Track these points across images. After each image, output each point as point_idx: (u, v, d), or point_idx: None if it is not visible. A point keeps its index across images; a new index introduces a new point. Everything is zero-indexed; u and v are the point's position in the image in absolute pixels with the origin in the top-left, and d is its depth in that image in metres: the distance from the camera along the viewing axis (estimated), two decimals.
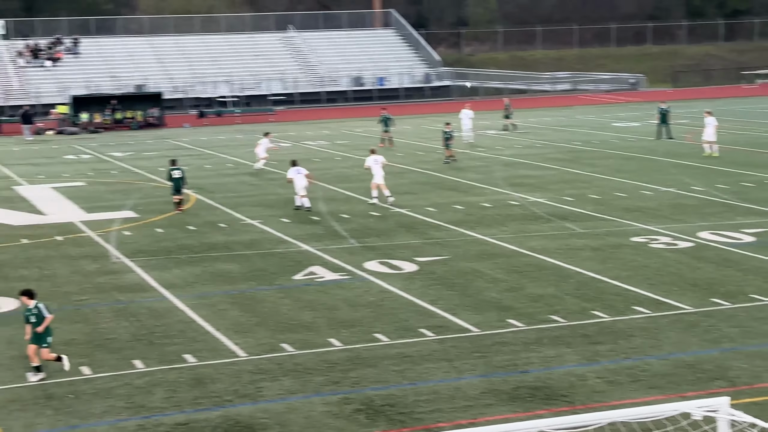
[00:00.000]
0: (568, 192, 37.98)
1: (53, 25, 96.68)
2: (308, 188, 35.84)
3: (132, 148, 58.07)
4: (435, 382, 18.06)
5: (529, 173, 43.35)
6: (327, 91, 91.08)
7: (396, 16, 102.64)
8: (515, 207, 35.28)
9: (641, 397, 16.94)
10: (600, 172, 43.06)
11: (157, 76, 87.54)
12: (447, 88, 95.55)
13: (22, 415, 17.01)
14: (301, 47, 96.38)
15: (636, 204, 35.10)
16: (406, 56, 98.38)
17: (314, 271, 26.56)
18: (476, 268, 26.52)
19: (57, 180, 45.32)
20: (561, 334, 20.63)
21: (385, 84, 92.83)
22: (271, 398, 17.50)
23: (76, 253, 29.68)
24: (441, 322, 21.78)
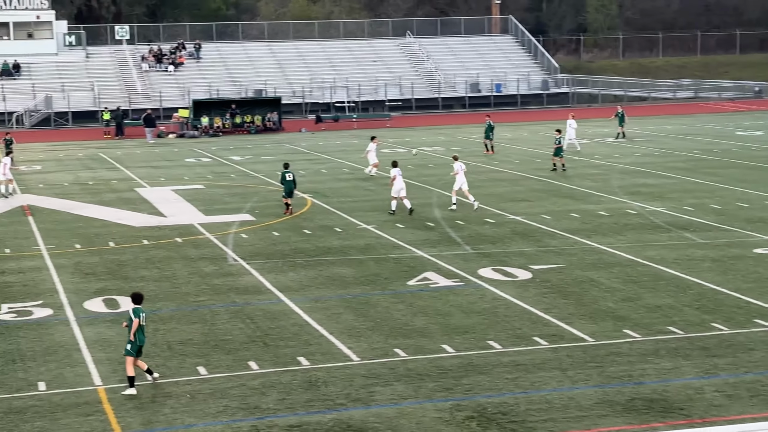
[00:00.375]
0: (688, 201, 37.29)
1: (176, 30, 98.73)
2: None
3: (250, 152, 58.87)
4: (548, 392, 17.88)
5: (647, 182, 42.69)
6: (443, 97, 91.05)
7: (514, 22, 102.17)
8: (633, 216, 34.77)
9: (762, 413, 16.51)
10: (722, 181, 42.19)
11: (276, 81, 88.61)
12: (565, 95, 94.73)
13: (139, 413, 17.35)
14: (419, 53, 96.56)
15: (759, 215, 34.29)
16: (523, 63, 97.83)
17: (428, 277, 26.56)
18: (592, 277, 26.21)
19: (177, 182, 46.19)
20: (678, 346, 20.25)
21: (503, 90, 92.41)
22: (383, 403, 17.54)
23: (195, 254, 30.19)
24: (555, 330, 21.57)
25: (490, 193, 40.64)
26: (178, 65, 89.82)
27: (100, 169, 51.69)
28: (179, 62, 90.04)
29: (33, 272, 28.26)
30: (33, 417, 17.29)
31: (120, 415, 17.26)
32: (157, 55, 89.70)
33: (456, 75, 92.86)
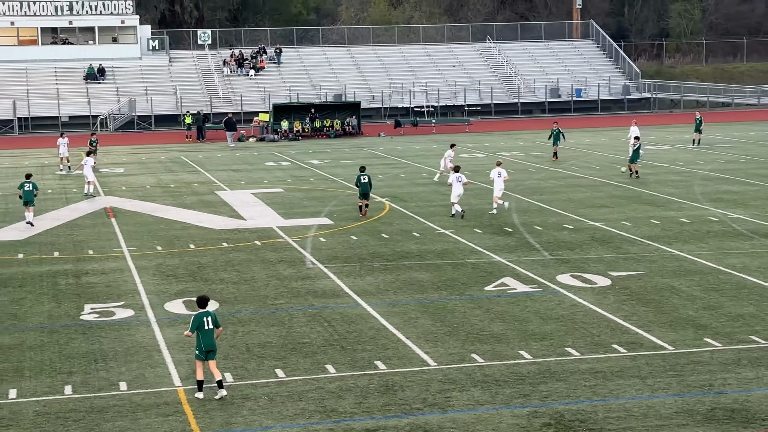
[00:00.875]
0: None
1: (257, 35, 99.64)
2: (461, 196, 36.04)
3: (329, 156, 59.18)
4: (626, 399, 17.72)
5: (730, 188, 42.10)
6: (523, 102, 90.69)
7: (596, 27, 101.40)
8: (715, 223, 34.32)
9: None
10: None
11: (356, 86, 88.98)
12: (647, 100, 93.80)
13: (218, 414, 17.53)
14: (498, 58, 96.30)
15: None
16: (604, 68, 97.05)
17: (506, 283, 26.47)
18: (672, 284, 25.91)
19: (257, 186, 46.59)
20: (761, 356, 19.94)
21: (583, 96, 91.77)
22: (460, 408, 17.52)
23: (274, 257, 30.42)
24: (634, 338, 21.36)
25: (569, 198, 40.38)
26: (259, 69, 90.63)
27: (182, 172, 52.34)
28: (260, 67, 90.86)
29: (115, 273, 28.70)
30: (114, 416, 17.57)
31: (199, 416, 17.46)
32: (239, 60, 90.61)
33: (536, 80, 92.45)
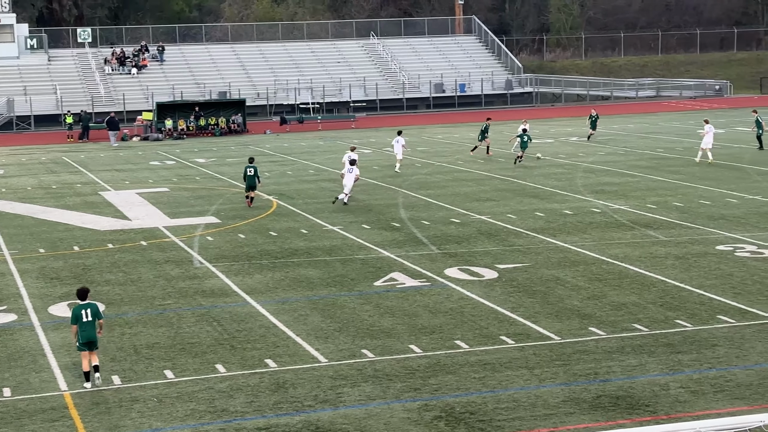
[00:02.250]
0: (651, 199, 37.58)
1: (139, 33, 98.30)
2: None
3: (215, 155, 58.73)
4: (515, 390, 17.98)
5: (611, 180, 42.98)
6: (408, 98, 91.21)
7: (478, 22, 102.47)
8: (597, 214, 35.00)
9: (725, 408, 16.69)
10: (684, 179, 42.54)
11: (240, 83, 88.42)
12: (529, 94, 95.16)
13: (106, 418, 17.28)
14: (383, 54, 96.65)
15: (721, 212, 34.60)
16: (487, 63, 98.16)
17: (395, 278, 26.61)
18: (557, 275, 26.36)
19: (142, 186, 46.01)
20: (643, 343, 20.41)
21: (467, 91, 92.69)
22: (351, 404, 17.57)
23: (160, 257, 30.09)
24: (521, 329, 21.68)
25: (456, 192, 40.77)
26: (141, 68, 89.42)
27: (64, 173, 51.40)
28: (142, 65, 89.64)
29: None
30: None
31: (86, 420, 17.19)
32: (120, 58, 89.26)
33: (420, 75, 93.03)
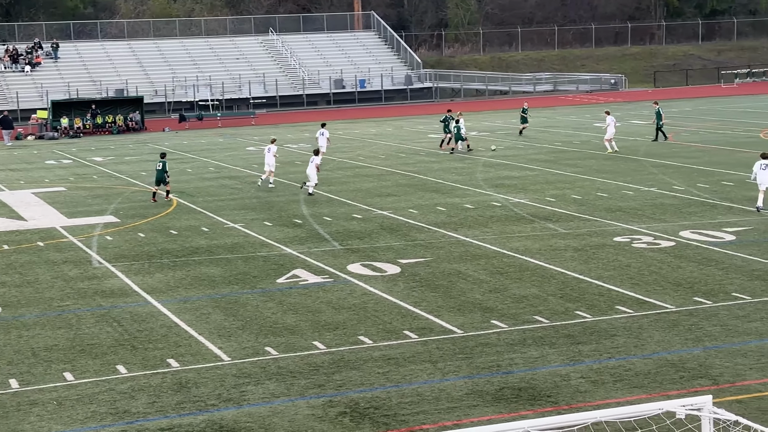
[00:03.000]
0: (550, 193, 38.07)
1: (32, 29, 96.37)
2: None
3: (113, 153, 57.93)
4: (419, 384, 18.05)
5: (511, 174, 43.43)
6: (308, 94, 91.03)
7: (377, 18, 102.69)
8: (498, 208, 35.34)
9: (625, 397, 16.99)
10: (582, 172, 43.18)
11: (138, 81, 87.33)
12: (429, 89, 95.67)
13: (3, 423, 16.93)
14: (282, 50, 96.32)
15: (618, 204, 35.21)
16: (386, 58, 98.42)
17: (297, 274, 26.54)
18: (459, 269, 26.54)
19: (38, 185, 45.16)
20: (545, 335, 20.66)
21: (367, 86, 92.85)
22: (255, 402, 17.47)
23: (58, 258, 29.57)
24: (424, 323, 21.78)
25: (357, 188, 40.82)
26: (35, 65, 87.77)
27: None
28: (36, 62, 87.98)
29: None
30: None
31: None
32: (13, 56, 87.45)
33: (320, 71, 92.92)
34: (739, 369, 18.18)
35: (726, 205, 34.25)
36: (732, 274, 24.96)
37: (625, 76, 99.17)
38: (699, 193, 36.76)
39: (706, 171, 42.13)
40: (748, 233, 29.61)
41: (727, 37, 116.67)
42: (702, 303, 22.51)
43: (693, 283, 24.18)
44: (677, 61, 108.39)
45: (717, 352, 19.20)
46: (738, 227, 30.42)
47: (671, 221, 31.76)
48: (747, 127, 59.41)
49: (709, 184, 38.65)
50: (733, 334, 20.25)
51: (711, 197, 35.76)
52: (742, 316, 21.41)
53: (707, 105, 76.55)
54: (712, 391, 16.79)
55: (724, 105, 76.40)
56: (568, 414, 9.53)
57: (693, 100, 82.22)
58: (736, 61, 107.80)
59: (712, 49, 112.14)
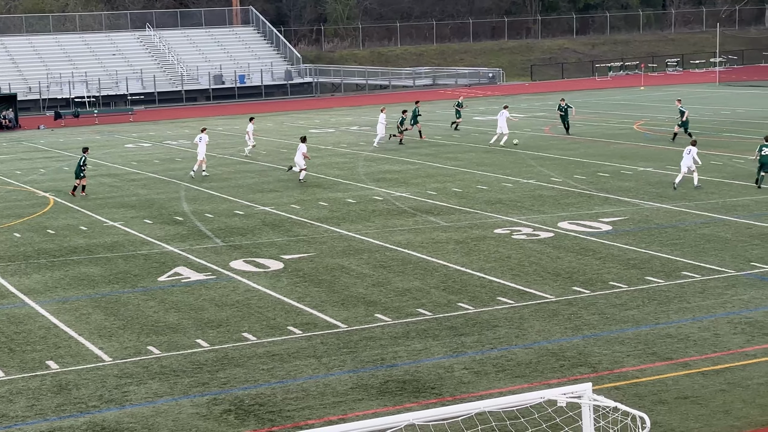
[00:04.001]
0: (431, 186, 38.36)
1: None
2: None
3: None
4: (304, 380, 18.04)
5: (392, 168, 43.63)
6: (186, 90, 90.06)
7: (255, 13, 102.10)
8: (379, 202, 35.48)
9: (507, 386, 17.22)
10: (462, 165, 43.61)
11: (10, 77, 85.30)
12: (309, 85, 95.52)
13: None
14: (159, 46, 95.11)
15: (497, 196, 35.65)
16: (266, 54, 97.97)
17: (179, 272, 26.26)
18: (342, 264, 26.58)
19: None
20: (428, 327, 20.82)
21: (246, 82, 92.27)
22: (138, 402, 17.24)
23: None
24: (308, 319, 21.76)
25: (239, 184, 40.56)
26: None
27: None
28: None
29: None
30: None
31: None
32: None
33: (198, 67, 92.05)
34: (617, 356, 18.59)
35: (602, 195, 34.97)
36: (609, 263, 25.50)
37: (502, 70, 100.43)
38: (576, 184, 37.46)
39: (583, 162, 42.94)
40: (623, 223, 30.28)
41: (601, 31, 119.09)
42: (581, 292, 22.95)
43: (571, 273, 24.64)
44: (553, 55, 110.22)
45: (596, 340, 19.60)
46: (614, 217, 31.09)
47: (550, 212, 32.30)
48: (621, 119, 60.73)
49: (586, 175, 39.41)
50: (611, 322, 20.69)
51: (587, 188, 36.47)
52: (619, 305, 21.89)
53: (582, 97, 78.00)
54: (592, 379, 17.15)
55: (598, 97, 77.97)
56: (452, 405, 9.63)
57: (569, 93, 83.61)
58: (609, 54, 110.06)
59: (587, 43, 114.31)
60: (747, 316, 20.70)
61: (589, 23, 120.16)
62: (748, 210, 31.45)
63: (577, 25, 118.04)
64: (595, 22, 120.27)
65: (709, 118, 57.98)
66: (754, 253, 25.94)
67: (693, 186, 35.59)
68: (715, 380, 17.12)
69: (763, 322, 20.17)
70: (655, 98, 75.24)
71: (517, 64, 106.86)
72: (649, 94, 79.62)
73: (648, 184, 36.81)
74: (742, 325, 20.11)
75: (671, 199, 33.63)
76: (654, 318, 20.80)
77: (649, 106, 69.09)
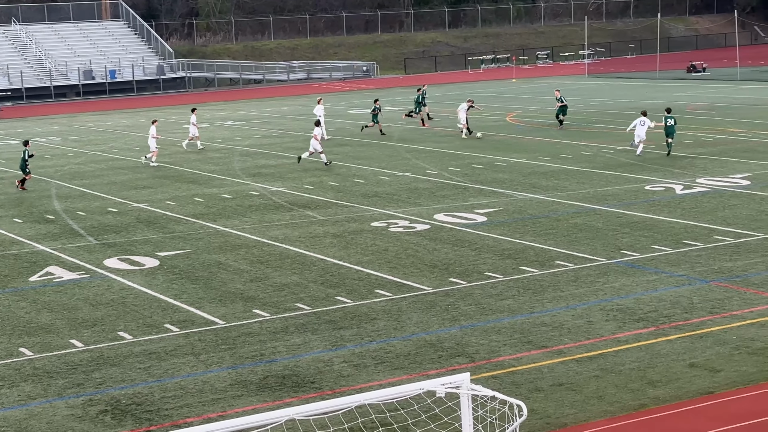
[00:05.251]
0: (307, 180, 38.31)
1: None
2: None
3: None
4: (182, 378, 17.85)
5: (268, 162, 43.45)
6: (56, 86, 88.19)
7: (125, 7, 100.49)
8: (256, 197, 35.30)
9: (386, 379, 17.30)
10: (338, 159, 43.64)
11: None
12: (182, 80, 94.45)
13: None
14: (26, 41, 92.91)
15: (374, 189, 35.79)
16: (137, 48, 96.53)
17: (51, 272, 25.72)
18: (219, 260, 26.37)
19: None
20: (307, 322, 20.80)
21: (118, 77, 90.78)
22: (10, 405, 16.84)
23: None
24: (186, 316, 21.54)
25: (112, 181, 39.92)
26: None
27: None
28: None
29: None
30: None
31: None
32: None
33: (67, 62, 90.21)
34: (493, 346, 18.84)
35: (477, 187, 35.38)
36: (484, 254, 25.82)
37: (376, 64, 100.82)
38: (451, 176, 37.83)
39: (458, 155, 43.38)
40: (498, 214, 30.69)
41: (472, 24, 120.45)
42: (457, 283, 23.19)
43: (448, 265, 24.88)
44: (426, 48, 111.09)
45: (473, 330, 19.83)
46: (488, 209, 31.49)
47: (426, 205, 32.55)
48: (494, 111, 61.50)
49: (461, 167, 39.83)
50: (488, 312, 20.96)
51: (462, 180, 36.86)
52: (495, 295, 22.18)
53: (456, 90, 78.78)
54: (470, 369, 17.36)
55: (471, 90, 78.80)
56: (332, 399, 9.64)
57: (443, 86, 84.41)
58: (481, 47, 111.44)
59: (459, 36, 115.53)
60: (618, 303, 21.19)
61: (461, 17, 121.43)
62: (618, 199, 32.18)
63: (450, 19, 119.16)
64: (467, 15, 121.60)
65: (579, 109, 59.12)
66: (624, 241, 26.56)
67: (636, 154, 39.91)
68: (589, 366, 17.49)
69: (634, 309, 20.68)
70: (526, 90, 76.44)
71: (391, 57, 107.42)
72: (520, 86, 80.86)
73: (521, 175, 37.38)
74: (614, 312, 20.58)
75: (544, 190, 34.21)
76: (529, 307, 21.14)
77: (521, 98, 70.16)
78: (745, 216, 28.94)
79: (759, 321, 19.59)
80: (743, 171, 36.25)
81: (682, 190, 33.20)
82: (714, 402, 15.74)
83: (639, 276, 23.16)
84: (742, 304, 20.75)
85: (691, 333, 19.05)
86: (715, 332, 19.04)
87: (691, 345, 18.38)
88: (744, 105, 59.25)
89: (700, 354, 17.89)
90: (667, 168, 37.51)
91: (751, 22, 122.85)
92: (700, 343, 18.44)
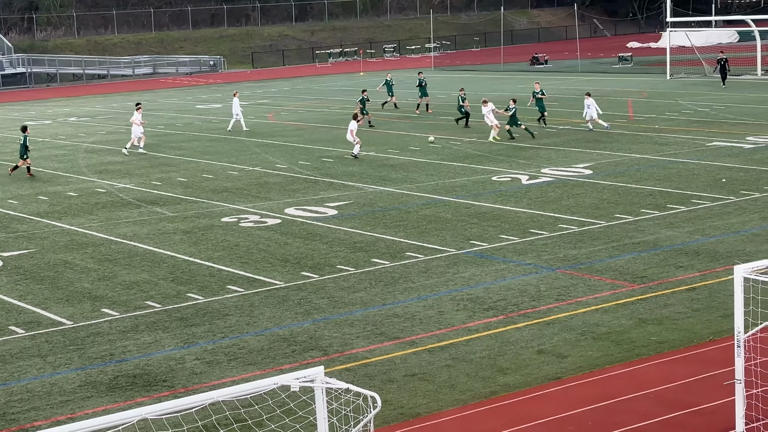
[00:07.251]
0: (155, 176, 37.80)
1: None
2: None
3: None
4: (28, 380, 17.42)
5: (114, 159, 42.70)
6: None
7: None
8: (103, 194, 34.66)
9: (240, 375, 17.22)
10: (186, 154, 43.19)
11: None
12: (22, 75, 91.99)
13: None
14: None
15: (224, 185, 35.54)
16: None
17: None
18: (66, 259, 25.82)
19: None
20: (157, 320, 20.53)
21: None
22: None
23: None
24: (31, 317, 21.02)
25: None
26: None
27: None
28: None
29: None
30: None
31: None
32: None
33: None
34: (346, 338, 18.93)
35: (327, 180, 35.46)
36: (336, 247, 25.91)
37: (223, 58, 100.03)
38: (301, 170, 37.82)
39: (307, 149, 43.40)
40: (348, 207, 30.82)
41: (319, 17, 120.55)
42: (310, 277, 23.21)
43: (300, 258, 24.88)
44: (273, 42, 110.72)
45: (326, 323, 19.89)
46: (339, 202, 31.60)
47: (276, 199, 32.48)
48: (342, 104, 61.71)
49: (310, 161, 39.86)
50: (340, 305, 21.04)
51: (312, 174, 36.89)
52: (347, 287, 22.28)
53: (304, 84, 78.76)
54: (323, 362, 17.41)
55: (319, 84, 78.93)
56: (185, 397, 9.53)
57: (290, 80, 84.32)
58: (329, 40, 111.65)
59: (306, 30, 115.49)
60: (468, 292, 21.54)
61: (308, 10, 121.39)
62: (466, 190, 32.67)
63: (296, 12, 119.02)
64: (313, 9, 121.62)
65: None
66: (472, 231, 26.99)
67: (604, 128, 44.23)
68: (441, 356, 17.73)
69: (484, 298, 21.04)
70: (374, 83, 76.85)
71: (238, 51, 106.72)
72: (368, 79, 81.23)
73: (371, 168, 37.62)
74: (464, 301, 20.90)
75: (394, 182, 34.51)
76: (381, 299, 21.31)
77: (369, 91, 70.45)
78: (588, 204, 29.74)
79: (602, 306, 20.17)
80: (586, 161, 37.24)
81: (527, 180, 33.92)
82: (562, 387, 16.14)
83: (488, 266, 23.58)
84: (587, 290, 21.33)
85: (538, 320, 19.50)
86: (561, 319, 19.53)
87: (539, 332, 18.81)
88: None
89: (548, 341, 18.32)
90: (513, 159, 38.27)
91: (590, 15, 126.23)
92: (547, 330, 18.89)
